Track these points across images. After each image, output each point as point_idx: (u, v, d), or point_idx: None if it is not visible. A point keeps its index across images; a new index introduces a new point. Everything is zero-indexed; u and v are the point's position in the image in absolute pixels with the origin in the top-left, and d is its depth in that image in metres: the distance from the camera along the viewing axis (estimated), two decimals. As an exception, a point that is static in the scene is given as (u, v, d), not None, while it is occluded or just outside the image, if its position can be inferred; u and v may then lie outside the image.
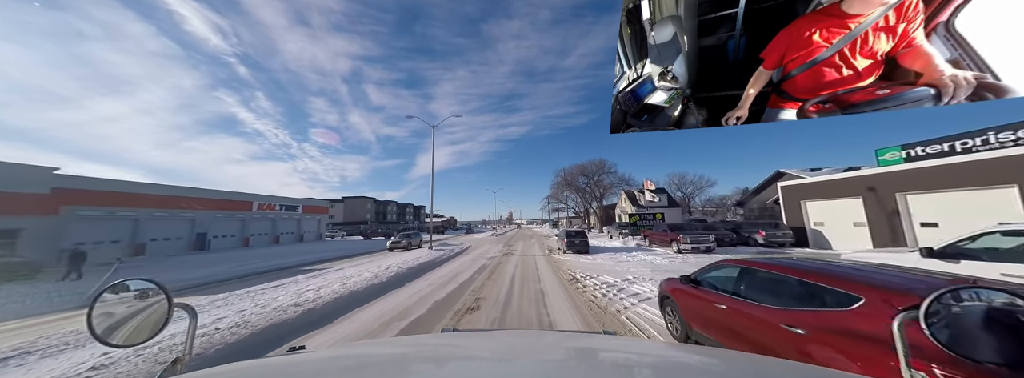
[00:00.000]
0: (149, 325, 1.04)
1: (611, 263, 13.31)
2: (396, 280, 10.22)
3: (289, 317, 5.98)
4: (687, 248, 16.39)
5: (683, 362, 1.14)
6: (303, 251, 24.38)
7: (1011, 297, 0.87)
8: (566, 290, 8.47)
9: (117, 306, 1.06)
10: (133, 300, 1.08)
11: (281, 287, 9.07)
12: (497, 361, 1.14)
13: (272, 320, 5.73)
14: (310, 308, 6.56)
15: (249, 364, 1.03)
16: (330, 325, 5.79)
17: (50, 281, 11.65)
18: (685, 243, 16.47)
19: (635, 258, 14.68)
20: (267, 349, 4.56)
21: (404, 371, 1.03)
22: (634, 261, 13.76)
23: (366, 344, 1.72)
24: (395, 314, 6.40)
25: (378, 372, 1.00)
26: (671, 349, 1.42)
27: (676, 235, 17.08)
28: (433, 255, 17.13)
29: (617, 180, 50.58)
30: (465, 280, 10.31)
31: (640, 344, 1.75)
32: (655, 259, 14.18)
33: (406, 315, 6.32)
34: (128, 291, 1.09)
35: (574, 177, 51.06)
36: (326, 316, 6.29)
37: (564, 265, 13.30)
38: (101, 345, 0.97)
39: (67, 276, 12.06)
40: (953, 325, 0.90)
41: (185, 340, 1.07)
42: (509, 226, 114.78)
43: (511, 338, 1.56)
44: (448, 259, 16.60)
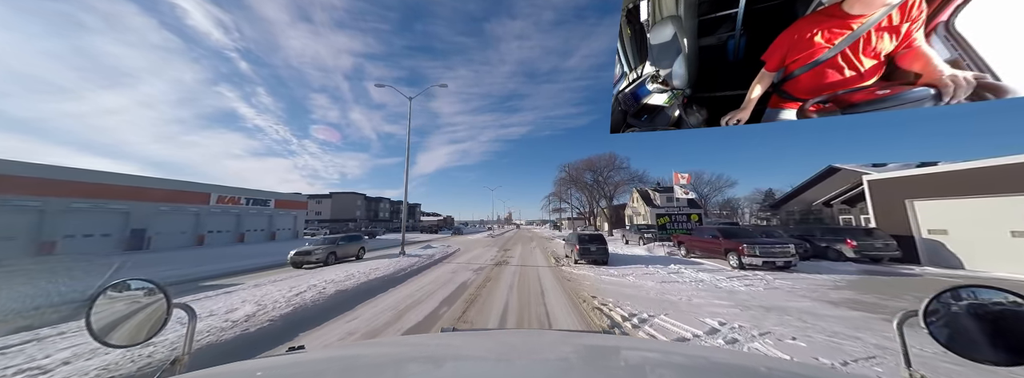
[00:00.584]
0: (148, 325, 1.04)
1: (652, 283, 9.24)
2: (313, 314, 6.33)
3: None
4: (755, 263, 11.66)
5: (683, 361, 1.14)
6: (240, 254, 19.41)
7: (1011, 297, 0.87)
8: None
9: (116, 306, 1.06)
10: (132, 300, 1.08)
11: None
12: (497, 361, 1.14)
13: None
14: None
15: (248, 364, 1.03)
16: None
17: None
18: (752, 255, 11.70)
19: (683, 276, 10.42)
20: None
21: (404, 371, 1.03)
22: (686, 282, 9.52)
23: (366, 344, 1.72)
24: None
25: (378, 372, 1.00)
26: (671, 348, 1.41)
27: (736, 244, 12.33)
28: (397, 266, 12.22)
29: (629, 177, 45.71)
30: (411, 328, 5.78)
31: (640, 343, 1.75)
32: (716, 279, 9.83)
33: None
34: (127, 291, 1.10)
35: (580, 173, 46.59)
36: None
37: (583, 286, 9.12)
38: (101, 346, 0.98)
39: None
40: (953, 324, 0.90)
41: (184, 340, 1.08)
42: (508, 226, 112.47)
43: (511, 338, 1.56)
44: (415, 273, 11.53)
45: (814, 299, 7.59)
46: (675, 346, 1.45)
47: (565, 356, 1.22)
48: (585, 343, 1.43)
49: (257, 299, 7.13)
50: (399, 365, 1.10)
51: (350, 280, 9.38)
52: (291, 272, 12.23)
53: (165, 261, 16.24)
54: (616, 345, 1.40)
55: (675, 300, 7.36)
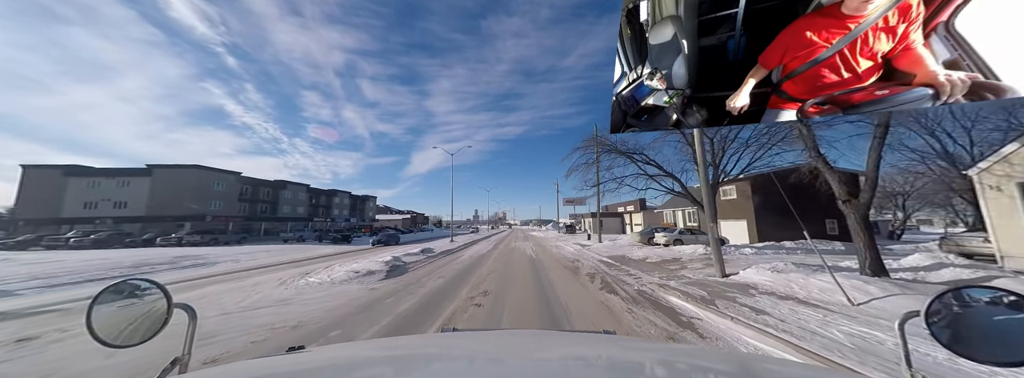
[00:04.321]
0: (148, 325, 1.05)
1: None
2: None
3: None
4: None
5: (683, 362, 1.15)
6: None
7: (1013, 297, 0.88)
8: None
9: (116, 306, 1.07)
10: (132, 300, 1.09)
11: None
12: (497, 361, 1.14)
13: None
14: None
15: (248, 364, 1.03)
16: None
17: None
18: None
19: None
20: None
21: (404, 371, 1.03)
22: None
23: (366, 344, 1.72)
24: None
25: (378, 372, 1.00)
26: (671, 349, 1.42)
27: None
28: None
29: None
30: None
31: (640, 344, 1.76)
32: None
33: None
34: (128, 291, 1.10)
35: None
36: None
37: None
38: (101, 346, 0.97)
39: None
40: (955, 325, 0.91)
41: (184, 340, 1.07)
42: (501, 227, 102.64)
43: (511, 338, 1.56)
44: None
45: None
46: (675, 347, 1.45)
47: (565, 356, 1.23)
48: (586, 344, 1.44)
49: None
50: (400, 365, 1.10)
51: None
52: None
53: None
54: (616, 346, 1.40)
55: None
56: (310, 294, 8.00)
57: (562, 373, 1.01)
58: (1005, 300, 0.88)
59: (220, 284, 9.86)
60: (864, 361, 3.98)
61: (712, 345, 4.85)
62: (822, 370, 1.08)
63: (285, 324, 5.71)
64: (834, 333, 4.94)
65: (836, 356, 4.16)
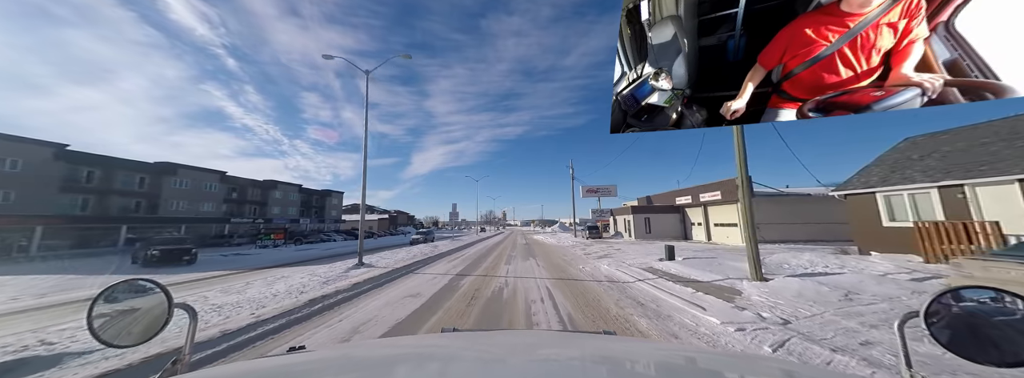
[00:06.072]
0: (148, 325, 1.05)
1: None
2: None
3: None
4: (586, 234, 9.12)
5: (683, 362, 1.15)
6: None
7: (1012, 297, 0.87)
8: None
9: (117, 306, 1.07)
10: (133, 300, 1.09)
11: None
12: (497, 361, 1.14)
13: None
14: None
15: (248, 364, 1.03)
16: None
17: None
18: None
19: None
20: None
21: (404, 371, 1.03)
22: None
23: (366, 344, 1.72)
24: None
25: (378, 372, 1.00)
26: (671, 349, 1.42)
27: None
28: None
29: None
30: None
31: (640, 344, 1.76)
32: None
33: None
34: (128, 291, 1.11)
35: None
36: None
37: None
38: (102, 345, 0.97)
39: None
40: (954, 326, 0.91)
41: (184, 341, 1.07)
42: (502, 228, 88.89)
43: (511, 338, 1.56)
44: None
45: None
46: (675, 347, 1.45)
47: (565, 357, 1.23)
48: (585, 344, 1.44)
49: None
50: (400, 365, 1.10)
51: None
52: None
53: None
54: (616, 346, 1.40)
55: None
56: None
57: (562, 373, 1.01)
58: (1004, 300, 0.88)
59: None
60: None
61: (712, 348, 4.84)
62: (822, 370, 1.08)
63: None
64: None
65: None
